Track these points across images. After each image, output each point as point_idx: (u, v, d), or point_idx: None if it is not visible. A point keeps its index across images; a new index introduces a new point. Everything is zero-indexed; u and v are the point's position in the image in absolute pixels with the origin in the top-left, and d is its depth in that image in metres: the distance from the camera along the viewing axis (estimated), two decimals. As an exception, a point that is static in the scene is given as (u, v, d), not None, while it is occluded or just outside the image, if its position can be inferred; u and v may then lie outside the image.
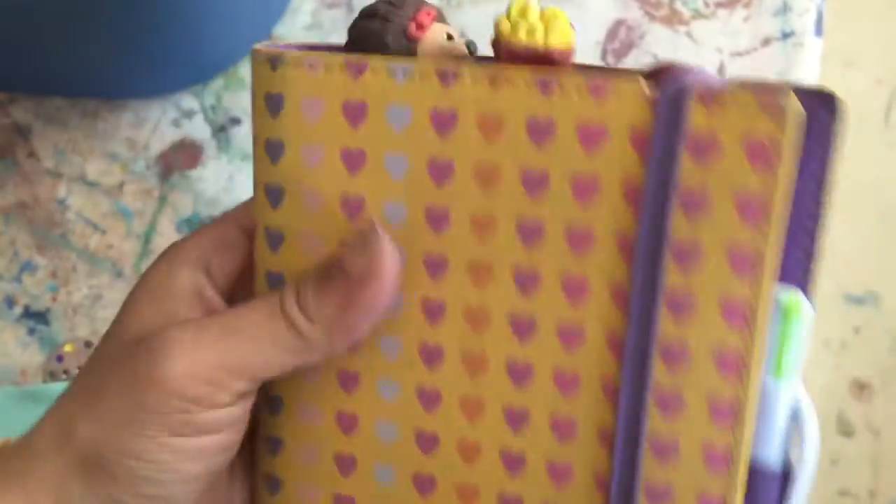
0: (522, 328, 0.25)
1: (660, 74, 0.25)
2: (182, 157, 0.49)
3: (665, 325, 0.24)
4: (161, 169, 0.49)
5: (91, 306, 0.46)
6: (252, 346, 0.25)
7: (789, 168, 0.22)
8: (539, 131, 0.24)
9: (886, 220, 1.16)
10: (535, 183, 0.24)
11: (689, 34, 0.49)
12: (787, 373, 0.25)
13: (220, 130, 0.49)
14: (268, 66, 0.26)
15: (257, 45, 0.27)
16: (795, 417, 0.25)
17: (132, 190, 0.48)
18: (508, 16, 0.25)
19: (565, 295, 0.25)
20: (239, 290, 0.29)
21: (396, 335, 0.27)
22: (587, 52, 0.50)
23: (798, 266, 0.26)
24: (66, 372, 0.44)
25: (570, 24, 0.25)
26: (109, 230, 0.48)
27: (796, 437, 0.25)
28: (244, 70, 0.49)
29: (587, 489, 0.26)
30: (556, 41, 0.24)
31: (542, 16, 0.24)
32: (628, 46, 0.50)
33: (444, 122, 0.25)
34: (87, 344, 0.44)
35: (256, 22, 0.50)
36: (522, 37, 0.24)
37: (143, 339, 0.26)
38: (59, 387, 0.42)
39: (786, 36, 0.49)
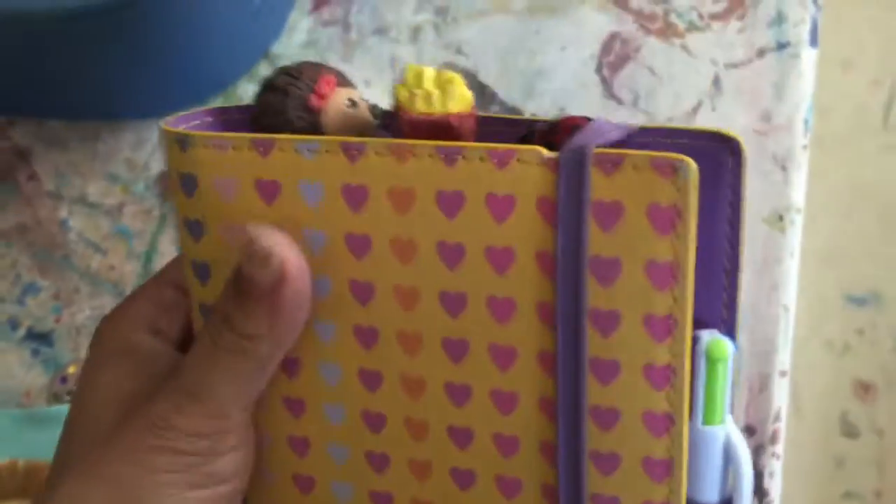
0: (458, 395, 0.25)
1: (561, 130, 0.25)
2: (182, 176, 0.49)
3: (593, 391, 0.24)
4: (161, 189, 0.49)
5: (94, 327, 0.47)
6: (218, 389, 0.26)
7: (692, 228, 0.22)
8: (449, 203, 0.24)
9: (886, 221, 1.16)
10: (451, 255, 0.24)
11: (684, 47, 0.50)
12: (717, 417, 0.25)
13: (220, 150, 0.50)
14: (177, 147, 0.26)
15: (164, 123, 0.26)
16: (728, 455, 0.26)
17: (132, 211, 0.49)
18: (405, 83, 0.25)
19: (494, 362, 0.25)
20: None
21: (338, 402, 0.27)
22: (582, 66, 0.50)
23: (719, 306, 0.26)
24: (69, 393, 0.44)
25: (466, 85, 0.25)
26: (110, 251, 0.48)
27: (732, 471, 0.26)
28: (242, 89, 0.50)
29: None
30: (455, 107, 0.24)
31: (438, 81, 0.24)
32: (623, 60, 0.50)
33: (355, 197, 0.24)
34: (90, 366, 0.45)
35: (254, 42, 0.50)
36: (420, 106, 0.24)
37: (132, 413, 0.27)
38: (63, 409, 0.42)
39: (781, 47, 0.50)
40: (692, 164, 0.22)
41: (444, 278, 0.24)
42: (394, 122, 0.25)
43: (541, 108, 0.51)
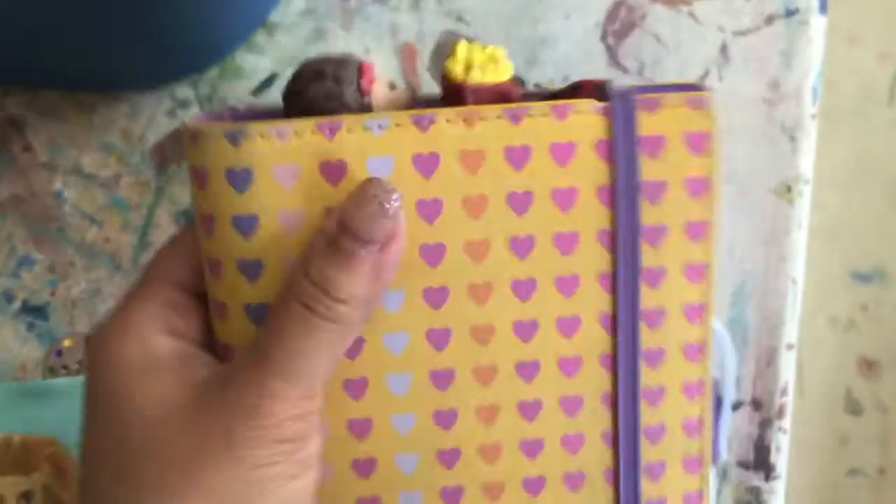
0: (525, 331, 0.28)
1: (584, 89, 0.29)
2: (178, 148, 0.48)
3: (645, 296, 0.29)
4: (157, 160, 0.48)
5: (90, 300, 0.46)
6: (311, 362, 0.25)
7: (718, 148, 0.28)
8: (517, 157, 0.27)
9: (893, 197, 1.15)
10: (519, 202, 0.27)
11: (691, 14, 0.48)
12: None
13: (217, 120, 0.49)
14: (227, 143, 0.26)
15: (196, 125, 0.27)
16: (718, 344, 0.33)
17: (129, 182, 0.48)
18: (456, 59, 0.28)
19: (560, 292, 0.28)
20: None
21: (404, 370, 0.28)
22: (586, 35, 0.49)
23: None
24: (65, 367, 0.43)
25: (507, 56, 0.29)
26: (106, 223, 0.47)
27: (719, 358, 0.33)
28: (240, 59, 0.49)
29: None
30: (504, 76, 0.28)
31: (487, 55, 0.28)
32: (629, 27, 0.49)
33: (427, 165, 0.27)
34: (86, 339, 0.44)
35: (252, 10, 0.49)
36: (478, 77, 0.28)
37: (205, 417, 0.25)
38: (59, 383, 0.42)
39: (790, 14, 0.48)
40: (714, 97, 0.27)
41: (513, 225, 0.27)
42: (448, 95, 0.29)
43: (544, 76, 0.50)
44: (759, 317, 0.46)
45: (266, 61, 0.49)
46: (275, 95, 0.49)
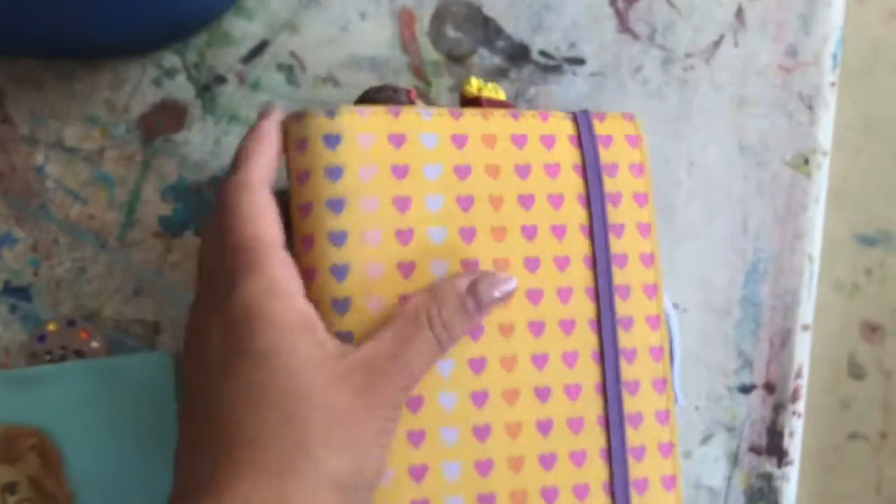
0: (533, 297, 0.38)
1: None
2: (165, 119, 0.46)
3: (615, 273, 0.39)
4: (143, 133, 0.46)
5: (75, 281, 0.44)
6: (424, 371, 0.34)
7: (646, 147, 0.40)
8: (519, 141, 0.39)
9: (900, 159, 1.13)
10: (523, 171, 0.39)
11: (705, -24, 0.46)
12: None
13: (205, 90, 0.46)
14: (325, 116, 0.37)
15: (296, 111, 0.38)
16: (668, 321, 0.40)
17: (113, 156, 0.45)
18: (471, 86, 0.41)
19: (555, 267, 0.38)
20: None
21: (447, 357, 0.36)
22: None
23: None
24: (48, 353, 0.41)
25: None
26: (91, 199, 0.45)
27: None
28: (228, 24, 0.46)
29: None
30: (502, 96, 0.42)
31: (488, 86, 0.42)
32: (639, -10, 0.46)
33: (460, 141, 0.38)
34: (70, 322, 0.42)
35: (240, -29, 0.46)
36: (489, 94, 0.41)
37: (358, 396, 0.32)
38: (43, 370, 0.40)
39: (809, -25, 0.46)
40: (637, 117, 0.41)
41: (519, 185, 0.38)
42: (466, 105, 0.41)
43: (550, 43, 0.47)
44: (773, 296, 0.44)
45: (256, 26, 0.46)
46: (266, 63, 0.46)
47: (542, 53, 0.47)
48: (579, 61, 0.47)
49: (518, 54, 0.47)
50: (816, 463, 1.17)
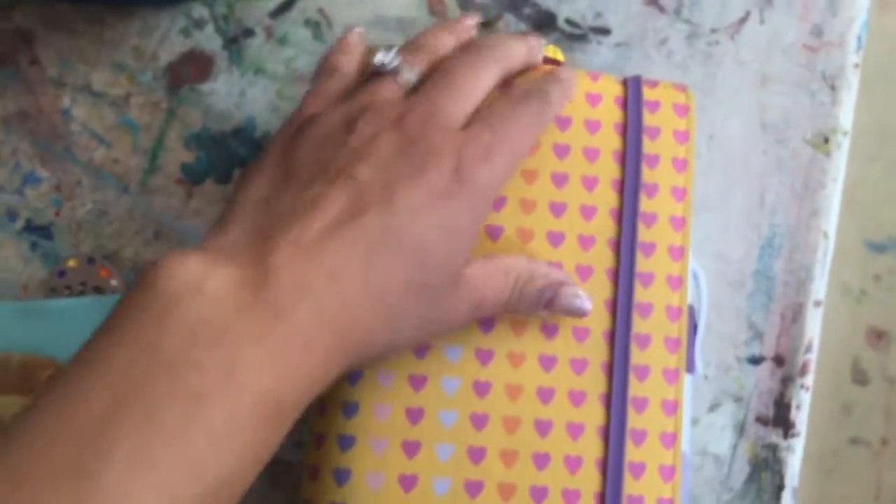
0: (555, 239, 0.38)
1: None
2: (192, 69, 0.46)
3: (641, 231, 0.38)
4: (169, 81, 0.46)
5: (96, 222, 0.44)
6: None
7: (694, 117, 0.40)
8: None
9: (914, 166, 1.13)
10: (563, 121, 0.39)
11: (734, -49, 0.46)
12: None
13: (233, 42, 0.47)
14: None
15: None
16: (695, 279, 0.40)
17: (139, 102, 0.46)
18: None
19: (579, 243, 0.38)
20: None
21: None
22: (624, -32, 0.47)
23: None
24: (68, 288, 0.42)
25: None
26: (115, 143, 0.46)
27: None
28: (259, -23, 0.47)
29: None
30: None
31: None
32: (668, -37, 0.47)
33: None
34: (90, 260, 0.42)
35: (273, -74, 0.47)
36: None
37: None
38: (61, 303, 0.40)
39: (837, -44, 0.46)
40: (689, 89, 0.41)
41: (557, 136, 0.39)
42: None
43: (576, 12, 0.48)
44: (787, 271, 0.45)
45: (286, -18, 0.47)
46: (294, 18, 0.47)
47: (568, 22, 0.47)
48: (605, 31, 0.47)
49: (544, 22, 0.47)
50: (816, 466, 1.17)
